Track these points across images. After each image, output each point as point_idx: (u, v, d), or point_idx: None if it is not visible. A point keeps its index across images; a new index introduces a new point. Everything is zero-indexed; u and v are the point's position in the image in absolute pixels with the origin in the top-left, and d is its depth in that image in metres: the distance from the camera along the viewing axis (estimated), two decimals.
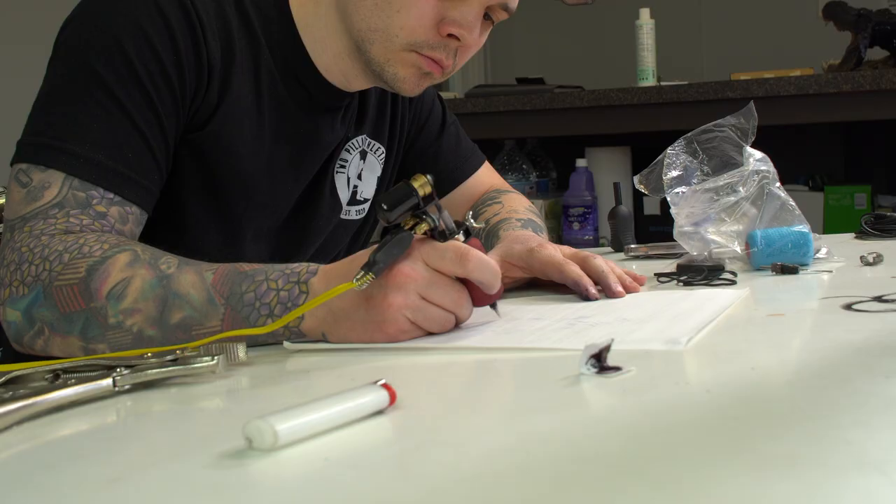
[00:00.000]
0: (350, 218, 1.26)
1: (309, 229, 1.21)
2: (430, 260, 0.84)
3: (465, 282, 0.86)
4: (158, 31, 1.00)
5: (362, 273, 0.81)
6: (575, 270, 1.03)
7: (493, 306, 0.90)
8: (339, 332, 0.85)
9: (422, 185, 0.84)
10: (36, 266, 0.90)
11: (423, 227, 0.85)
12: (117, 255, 0.88)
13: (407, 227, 0.85)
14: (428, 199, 0.85)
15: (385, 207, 0.83)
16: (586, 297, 1.02)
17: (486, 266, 0.85)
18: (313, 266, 0.88)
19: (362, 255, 0.85)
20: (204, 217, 1.10)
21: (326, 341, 0.86)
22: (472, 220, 0.90)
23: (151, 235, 1.00)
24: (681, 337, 0.78)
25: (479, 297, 0.87)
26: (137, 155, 0.98)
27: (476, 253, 0.85)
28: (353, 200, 1.25)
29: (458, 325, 0.87)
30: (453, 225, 0.87)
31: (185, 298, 0.86)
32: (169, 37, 1.00)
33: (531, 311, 0.96)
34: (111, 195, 0.96)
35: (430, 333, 0.85)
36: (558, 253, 1.06)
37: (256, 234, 1.14)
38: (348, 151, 1.22)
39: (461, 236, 0.87)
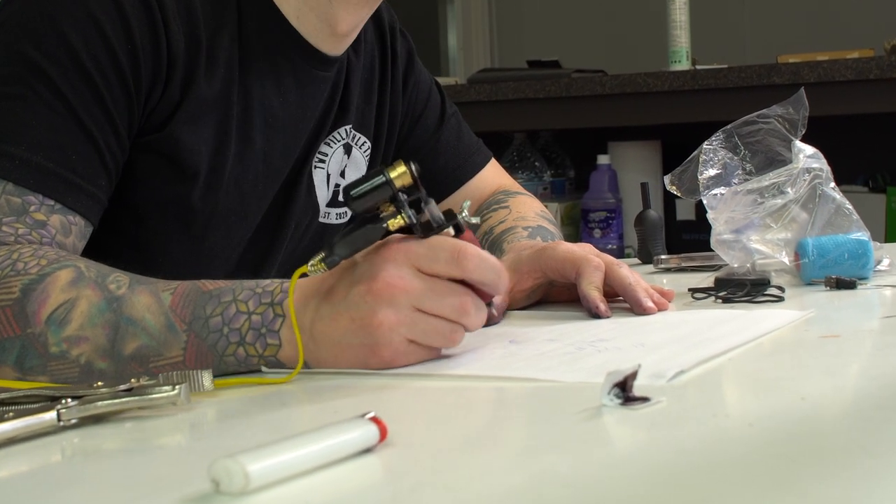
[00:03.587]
0: (330, 222, 1.26)
1: (282, 236, 1.21)
2: (421, 263, 0.83)
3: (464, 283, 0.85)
4: (108, 13, 1.00)
5: (317, 259, 0.81)
6: (591, 280, 1.03)
7: (489, 304, 0.88)
8: (324, 361, 0.85)
9: (399, 174, 0.82)
10: None
11: (399, 221, 0.83)
12: (57, 273, 0.88)
13: (382, 216, 0.83)
14: (410, 190, 0.83)
15: (351, 195, 0.82)
16: (596, 315, 1.02)
17: (487, 263, 0.84)
18: (287, 284, 0.87)
19: (344, 266, 0.85)
20: (164, 230, 1.10)
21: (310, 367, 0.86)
22: (466, 213, 0.87)
23: (101, 252, 0.99)
24: (668, 371, 0.76)
25: (479, 295, 0.86)
26: (83, 158, 0.99)
27: (473, 249, 0.83)
28: (335, 202, 1.25)
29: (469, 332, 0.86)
30: (441, 217, 0.85)
31: (139, 324, 0.85)
32: (121, 21, 1.00)
33: (548, 333, 0.96)
34: (51, 202, 0.96)
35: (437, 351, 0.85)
36: (578, 249, 1.06)
37: (224, 245, 1.15)
38: (329, 145, 1.23)
39: (451, 231, 0.85)
